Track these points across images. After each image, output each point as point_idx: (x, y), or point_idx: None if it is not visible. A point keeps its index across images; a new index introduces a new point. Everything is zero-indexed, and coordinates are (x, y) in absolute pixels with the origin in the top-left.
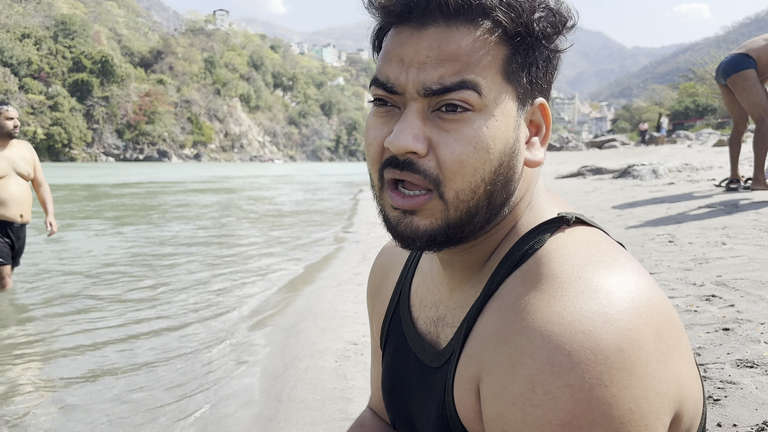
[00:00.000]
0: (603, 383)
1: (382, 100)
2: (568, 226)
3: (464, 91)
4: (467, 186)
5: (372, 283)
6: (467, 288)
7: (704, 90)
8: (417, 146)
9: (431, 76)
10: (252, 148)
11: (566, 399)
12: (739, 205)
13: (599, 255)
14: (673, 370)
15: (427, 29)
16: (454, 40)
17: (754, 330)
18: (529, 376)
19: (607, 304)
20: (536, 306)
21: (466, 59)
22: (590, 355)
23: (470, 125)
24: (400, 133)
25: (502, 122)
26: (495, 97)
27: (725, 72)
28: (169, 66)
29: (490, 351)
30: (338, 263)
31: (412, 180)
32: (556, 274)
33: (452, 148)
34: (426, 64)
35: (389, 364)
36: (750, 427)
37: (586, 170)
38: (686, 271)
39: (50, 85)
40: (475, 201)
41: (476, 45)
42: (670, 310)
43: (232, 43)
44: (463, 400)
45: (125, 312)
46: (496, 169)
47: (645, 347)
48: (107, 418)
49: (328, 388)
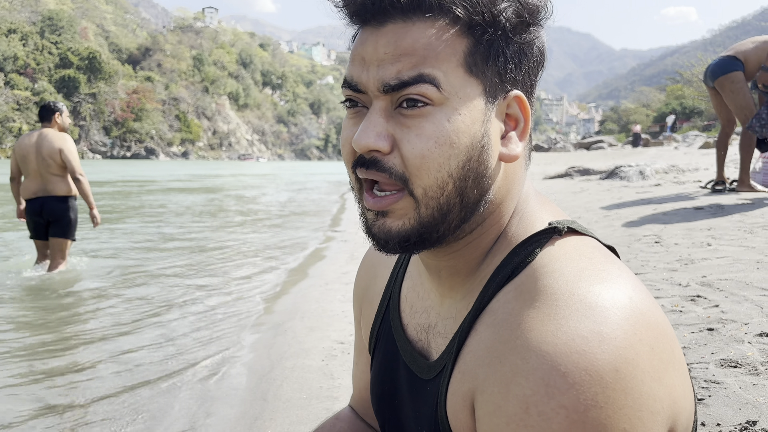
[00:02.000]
0: (598, 404)
1: (352, 101)
2: (560, 236)
3: (422, 85)
4: (434, 182)
5: (359, 284)
6: (458, 297)
7: (691, 92)
8: (379, 144)
9: (389, 72)
10: (240, 147)
11: (561, 420)
12: (725, 207)
13: (592, 268)
14: (668, 386)
15: (385, 27)
16: (410, 35)
17: (738, 330)
18: (524, 396)
19: (601, 321)
20: (530, 324)
21: (423, 53)
22: (585, 375)
23: (431, 120)
24: (362, 132)
25: (467, 116)
26: (457, 91)
27: (713, 74)
28: (157, 63)
29: (484, 368)
30: (325, 262)
31: (380, 179)
32: (550, 290)
33: (413, 144)
34: (384, 60)
35: (378, 371)
36: (734, 427)
37: (574, 171)
38: (672, 271)
39: (36, 81)
40: (445, 197)
41: (433, 39)
42: (663, 321)
43: (221, 40)
44: (458, 416)
45: (111, 312)
46: (464, 164)
47: (640, 365)
48: (92, 416)
49: (315, 387)
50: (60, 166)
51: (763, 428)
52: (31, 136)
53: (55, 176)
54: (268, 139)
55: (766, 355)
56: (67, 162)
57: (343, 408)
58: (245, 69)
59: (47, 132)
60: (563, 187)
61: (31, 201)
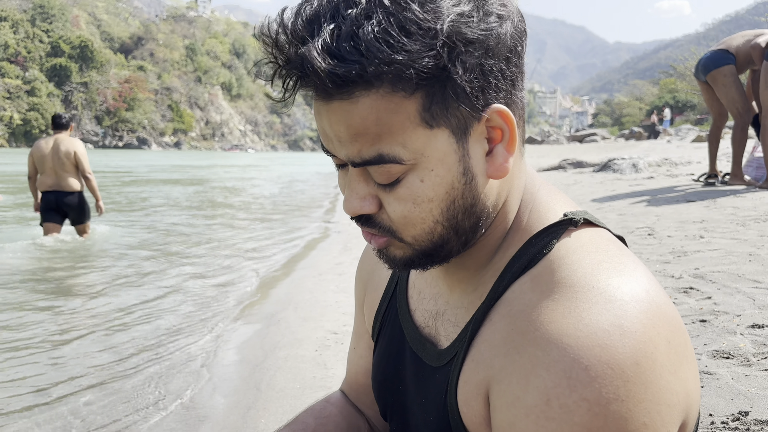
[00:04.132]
0: (620, 398)
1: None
2: (575, 228)
3: (383, 165)
4: (420, 232)
5: (363, 269)
6: (470, 289)
7: (684, 86)
8: (365, 208)
9: (350, 150)
10: (233, 137)
11: (582, 413)
12: (717, 200)
13: (609, 261)
14: (683, 380)
15: (331, 103)
16: (357, 114)
17: (730, 322)
18: (545, 388)
19: (622, 315)
20: (550, 316)
21: (375, 131)
22: (607, 369)
23: (404, 185)
24: (347, 201)
25: (440, 168)
26: (423, 151)
27: (705, 68)
28: (149, 52)
29: (500, 358)
30: (319, 253)
31: (374, 232)
32: (569, 283)
33: (393, 207)
34: (341, 137)
35: (382, 356)
36: (726, 417)
37: (567, 164)
38: (665, 263)
39: (27, 70)
40: (437, 237)
41: (382, 112)
42: (676, 314)
43: (214, 30)
44: (470, 405)
45: (103, 302)
46: (448, 207)
47: (659, 359)
48: (84, 406)
49: (308, 377)
50: (73, 165)
51: (755, 419)
52: (48, 141)
53: (68, 174)
54: (261, 129)
55: (758, 346)
56: (79, 162)
57: (333, 392)
58: (238, 59)
59: (63, 137)
60: (557, 179)
61: (47, 193)
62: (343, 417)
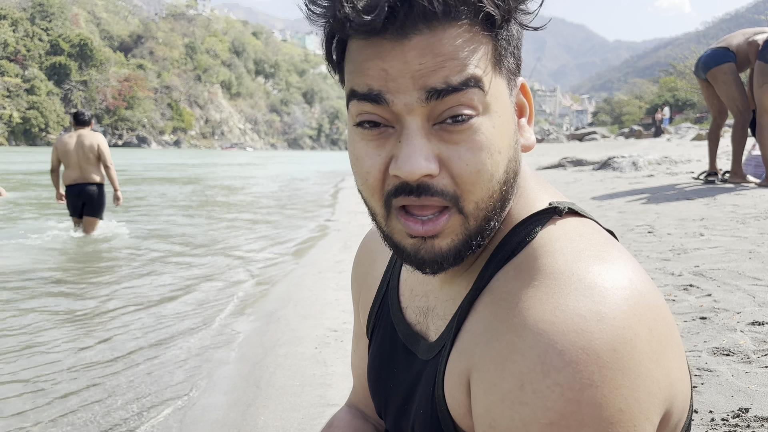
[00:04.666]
0: (594, 383)
1: (372, 122)
2: (560, 216)
3: (470, 90)
4: (486, 193)
5: (358, 269)
6: (458, 280)
7: (684, 85)
8: (432, 168)
9: (434, 79)
10: (233, 135)
11: (555, 398)
12: (717, 198)
13: (592, 249)
14: (665, 368)
15: (411, 39)
16: (446, 42)
17: (730, 319)
18: (519, 373)
19: (600, 301)
20: (528, 303)
21: (464, 56)
22: (582, 354)
23: (480, 131)
24: (410, 158)
25: (504, 116)
26: (494, 92)
27: (705, 65)
28: (149, 51)
29: (481, 347)
30: (319, 251)
31: (431, 203)
32: (549, 270)
33: (466, 159)
34: (421, 71)
35: (376, 353)
36: (726, 414)
37: (567, 162)
38: (665, 261)
39: (27, 68)
40: (492, 204)
41: (467, 41)
42: (662, 304)
43: (213, 28)
44: (454, 395)
45: (103, 301)
46: (507, 166)
47: (638, 346)
48: (83, 403)
49: (308, 375)
50: (96, 158)
51: (756, 415)
52: (71, 136)
53: (92, 166)
54: (260, 128)
55: (758, 343)
56: (102, 154)
57: (337, 411)
58: (238, 57)
59: (86, 132)
60: (556, 177)
61: (72, 186)
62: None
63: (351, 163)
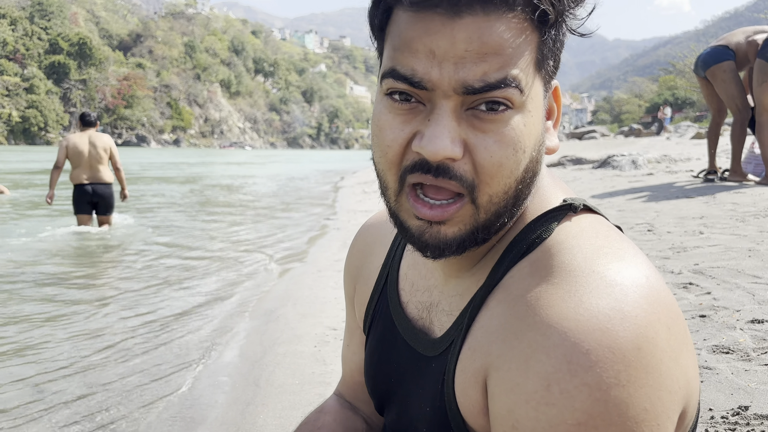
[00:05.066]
0: (621, 383)
1: (404, 94)
2: (575, 213)
3: (508, 89)
4: (501, 189)
5: (352, 263)
6: (467, 275)
7: (683, 83)
8: (455, 151)
9: (473, 72)
10: (232, 134)
11: (583, 398)
12: (717, 196)
13: (610, 247)
14: (683, 367)
15: (463, 18)
16: (495, 31)
17: (729, 317)
18: (545, 373)
19: (622, 299)
20: (550, 300)
21: (509, 52)
22: (608, 353)
23: (510, 125)
24: (436, 138)
25: (536, 116)
26: (530, 91)
27: (705, 64)
28: (148, 50)
29: (498, 345)
30: (318, 249)
31: (447, 186)
32: (569, 267)
33: (492, 151)
34: (465, 58)
35: (374, 349)
36: (726, 412)
37: (567, 160)
38: (665, 259)
39: (26, 67)
40: (505, 201)
41: (515, 35)
42: (675, 302)
43: (212, 27)
44: (467, 394)
45: (104, 298)
46: (527, 165)
47: (660, 345)
48: (81, 399)
49: (307, 373)
50: (107, 158)
51: (755, 413)
52: (82, 136)
53: (103, 167)
54: (260, 127)
55: (757, 341)
56: (113, 155)
57: (327, 399)
58: (237, 56)
59: (95, 133)
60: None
61: (82, 186)
62: (338, 423)
63: (372, 132)
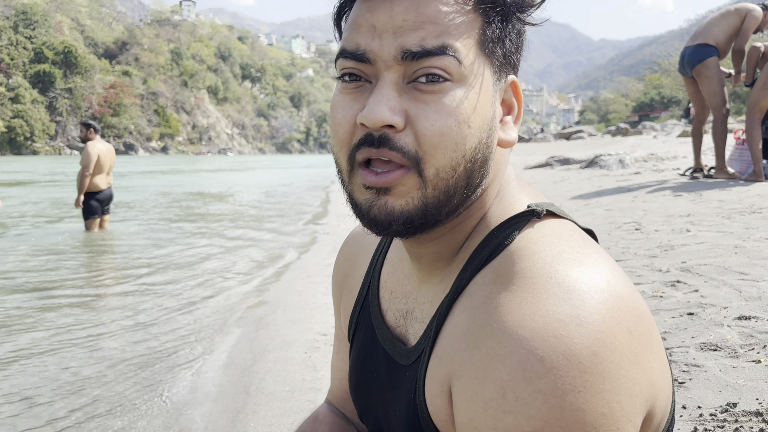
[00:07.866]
0: (576, 389)
1: (352, 75)
2: (539, 219)
3: (445, 57)
4: (448, 162)
5: (338, 272)
6: (436, 282)
7: (669, 82)
8: (394, 119)
9: (411, 38)
10: (220, 141)
11: (538, 405)
12: (703, 194)
13: (570, 251)
14: (646, 369)
15: None
16: (432, 4)
17: (717, 314)
18: (501, 381)
19: (579, 305)
20: (507, 308)
21: (447, 22)
22: (563, 360)
23: (450, 96)
24: (375, 105)
25: (482, 95)
26: (473, 68)
27: (690, 64)
28: (134, 57)
29: (461, 353)
30: (308, 255)
31: (390, 157)
32: (527, 274)
33: (432, 120)
34: (403, 28)
35: (357, 358)
36: (714, 409)
37: (554, 161)
38: (652, 257)
39: (11, 77)
40: (455, 179)
41: (454, 9)
42: (642, 305)
43: (199, 34)
44: (435, 402)
45: (93, 306)
46: (476, 146)
47: (618, 349)
48: (69, 411)
49: (298, 380)
50: None
51: (744, 410)
52: (105, 145)
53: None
54: (248, 132)
55: (745, 338)
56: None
57: (319, 406)
58: (224, 62)
59: (104, 142)
60: (544, 176)
61: (101, 192)
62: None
63: (329, 117)
